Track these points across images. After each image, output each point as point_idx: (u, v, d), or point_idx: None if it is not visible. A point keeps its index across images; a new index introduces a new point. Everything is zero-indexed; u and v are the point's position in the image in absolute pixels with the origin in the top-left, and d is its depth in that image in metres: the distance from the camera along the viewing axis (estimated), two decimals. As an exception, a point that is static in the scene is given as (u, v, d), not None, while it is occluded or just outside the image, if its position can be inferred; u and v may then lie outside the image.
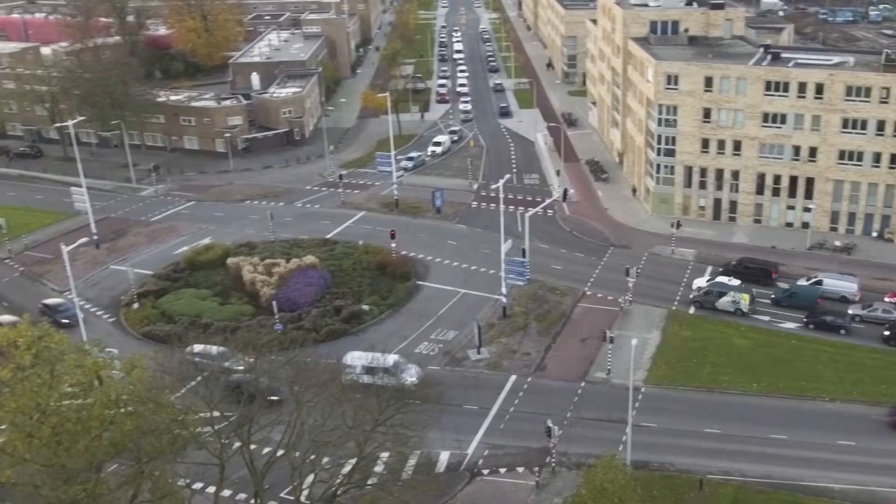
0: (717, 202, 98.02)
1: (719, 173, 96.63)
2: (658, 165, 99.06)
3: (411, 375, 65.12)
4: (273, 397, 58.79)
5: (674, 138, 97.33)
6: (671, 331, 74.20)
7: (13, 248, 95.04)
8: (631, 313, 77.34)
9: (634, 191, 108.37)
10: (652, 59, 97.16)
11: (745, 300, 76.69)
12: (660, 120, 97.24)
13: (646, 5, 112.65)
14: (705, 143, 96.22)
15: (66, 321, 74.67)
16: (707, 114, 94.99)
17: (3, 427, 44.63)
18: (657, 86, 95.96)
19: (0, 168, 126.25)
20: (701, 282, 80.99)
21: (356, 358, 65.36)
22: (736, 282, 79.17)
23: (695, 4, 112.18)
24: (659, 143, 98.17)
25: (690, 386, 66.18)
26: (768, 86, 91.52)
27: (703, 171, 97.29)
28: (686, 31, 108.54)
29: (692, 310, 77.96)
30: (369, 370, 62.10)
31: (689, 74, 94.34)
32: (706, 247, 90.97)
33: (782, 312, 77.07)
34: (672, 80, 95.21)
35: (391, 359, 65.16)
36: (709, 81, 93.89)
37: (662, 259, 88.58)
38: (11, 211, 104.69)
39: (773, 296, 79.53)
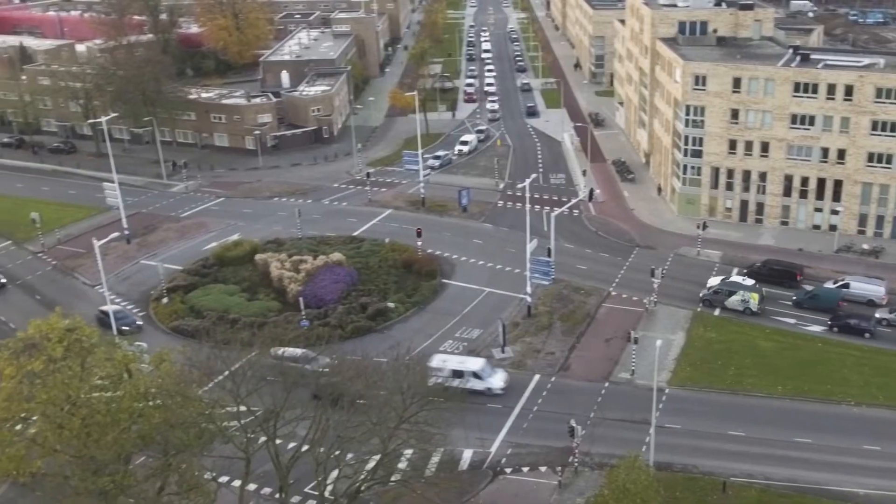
0: (744, 204, 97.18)
1: (746, 175, 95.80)
2: (685, 166, 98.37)
3: (499, 380, 64.74)
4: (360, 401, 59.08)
5: (701, 139, 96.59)
6: (696, 332, 73.67)
7: (46, 242, 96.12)
8: (656, 314, 76.89)
9: (660, 190, 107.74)
10: (680, 60, 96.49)
11: (754, 299, 76.13)
12: (687, 121, 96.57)
13: (674, 6, 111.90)
14: (733, 144, 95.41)
15: (127, 328, 74.74)
16: (735, 115, 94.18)
17: (34, 418, 45.27)
18: (685, 86, 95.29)
19: (28, 162, 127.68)
20: (714, 281, 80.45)
21: (444, 361, 64.88)
22: (750, 281, 78.63)
23: (724, 5, 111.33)
24: (686, 143, 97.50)
25: (715, 388, 65.67)
26: (797, 87, 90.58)
27: (730, 173, 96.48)
28: (715, 31, 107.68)
29: (699, 307, 77.62)
30: (457, 374, 62.06)
31: (718, 75, 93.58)
32: (732, 248, 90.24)
33: (808, 315, 76.25)
34: (700, 80, 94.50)
35: (479, 362, 65.03)
36: (737, 82, 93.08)
37: (688, 260, 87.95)
38: (45, 205, 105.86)
39: (794, 297, 78.78)
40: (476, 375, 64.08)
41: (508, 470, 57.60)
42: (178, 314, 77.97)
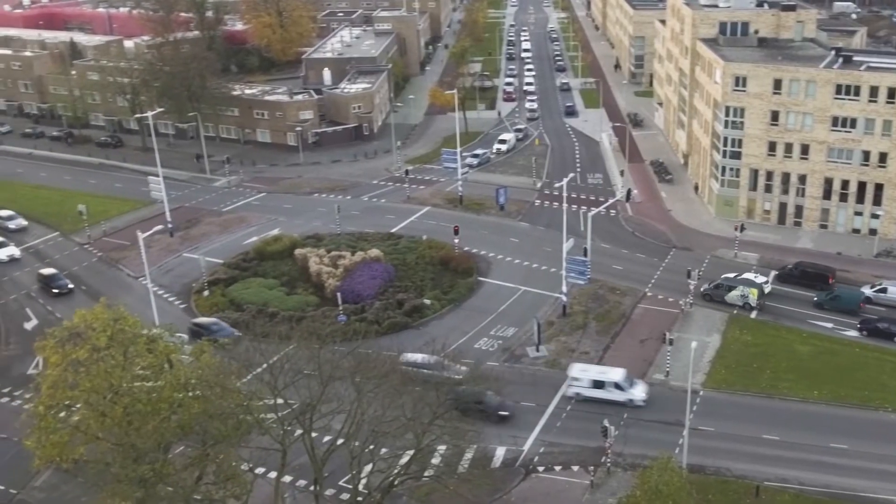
0: (783, 206, 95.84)
1: (785, 177, 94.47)
2: (723, 168, 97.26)
3: (640, 391, 63.35)
4: (503, 412, 59.36)
5: (740, 140, 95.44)
6: (732, 335, 72.81)
7: (92, 234, 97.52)
8: (691, 316, 76.13)
9: (697, 188, 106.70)
10: (720, 61, 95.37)
11: (753, 294, 76.21)
12: (726, 122, 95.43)
13: (715, 6, 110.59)
14: (772, 146, 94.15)
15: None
16: (775, 116, 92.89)
17: (78, 406, 45.95)
18: (725, 87, 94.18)
19: (77, 156, 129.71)
20: (729, 275, 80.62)
21: (583, 371, 63.80)
22: (763, 278, 79.07)
23: (766, 6, 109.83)
24: (725, 145, 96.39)
25: (750, 391, 64.82)
26: (839, 89, 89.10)
27: (769, 175, 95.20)
28: (756, 32, 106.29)
29: (692, 299, 77.11)
30: (598, 384, 61.50)
31: (758, 76, 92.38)
32: (770, 251, 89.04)
33: (838, 318, 75.06)
34: (740, 81, 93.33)
35: (620, 373, 63.81)
36: (778, 84, 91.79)
37: (725, 262, 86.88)
38: (92, 198, 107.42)
39: (814, 298, 77.89)
40: (618, 386, 62.53)
41: (541, 468, 57.34)
42: (219, 307, 78.64)
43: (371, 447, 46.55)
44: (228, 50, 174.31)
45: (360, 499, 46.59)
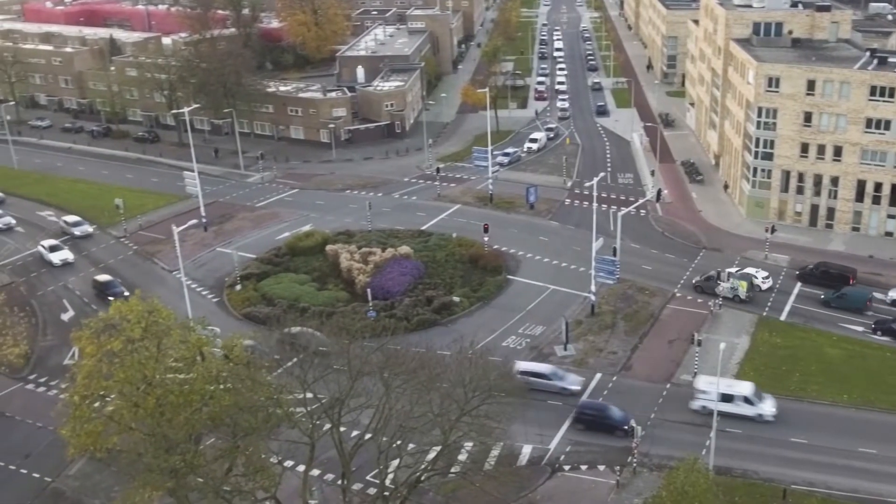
0: (815, 208, 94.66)
1: (818, 179, 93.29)
2: (755, 169, 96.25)
3: (770, 406, 61.08)
4: (627, 427, 58.10)
5: (772, 142, 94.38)
6: (761, 337, 72.05)
7: (128, 228, 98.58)
8: (720, 317, 75.43)
9: (727, 187, 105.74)
10: (753, 61, 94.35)
11: (742, 287, 77.02)
12: (759, 122, 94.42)
13: (749, 6, 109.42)
14: (804, 148, 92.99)
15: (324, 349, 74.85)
16: (808, 118, 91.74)
17: (112, 396, 46.43)
18: (757, 88, 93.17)
19: (114, 150, 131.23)
20: (731, 271, 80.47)
21: (710, 383, 60.83)
22: (764, 273, 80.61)
23: (800, 6, 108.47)
24: (757, 146, 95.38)
25: (778, 394, 63.94)
26: (873, 91, 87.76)
27: (801, 176, 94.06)
28: (790, 32, 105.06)
29: (721, 300, 76.62)
30: (726, 397, 59.57)
31: (791, 77, 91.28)
32: (801, 253, 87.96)
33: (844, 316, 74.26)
34: (773, 82, 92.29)
35: (748, 387, 61.73)
36: (811, 85, 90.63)
37: (755, 264, 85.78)
38: (128, 192, 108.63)
39: (822, 297, 77.65)
40: (747, 400, 60.54)
41: (567, 467, 57.09)
42: (251, 301, 79.20)
43: (398, 442, 46.56)
44: (264, 47, 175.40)
45: (386, 493, 46.63)
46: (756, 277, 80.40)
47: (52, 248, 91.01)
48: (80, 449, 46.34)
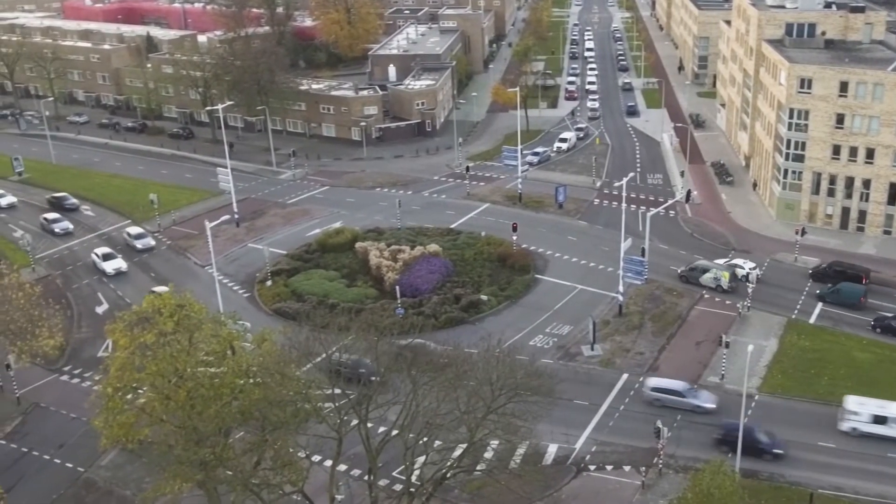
0: (846, 211, 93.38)
1: (849, 181, 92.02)
2: (785, 170, 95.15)
3: None
4: (778, 451, 56.39)
5: (804, 143, 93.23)
6: (789, 340, 71.20)
7: (162, 223, 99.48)
8: (748, 319, 74.66)
9: (755, 185, 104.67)
10: (785, 62, 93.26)
11: (725, 277, 78.81)
12: (790, 124, 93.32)
13: (782, 7, 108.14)
14: (836, 150, 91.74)
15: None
16: (840, 119, 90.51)
17: (144, 388, 46.89)
18: (789, 89, 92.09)
19: (150, 146, 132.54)
20: (719, 262, 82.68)
21: (861, 404, 58.64)
22: (751, 264, 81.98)
23: (833, 7, 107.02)
24: (788, 147, 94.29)
25: (806, 397, 63.33)
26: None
27: (833, 179, 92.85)
28: (823, 34, 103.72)
29: (750, 302, 75.77)
30: (879, 419, 57.39)
31: (824, 78, 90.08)
32: (831, 256, 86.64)
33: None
34: (805, 83, 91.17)
35: None
36: (844, 86, 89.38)
37: (784, 266, 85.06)
38: (163, 188, 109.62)
39: (817, 292, 78.33)
40: None
41: (592, 467, 56.84)
42: (281, 297, 79.61)
43: (425, 439, 46.59)
44: (297, 45, 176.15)
45: (412, 490, 46.71)
46: (743, 268, 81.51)
47: (106, 257, 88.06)
48: (112, 440, 46.85)
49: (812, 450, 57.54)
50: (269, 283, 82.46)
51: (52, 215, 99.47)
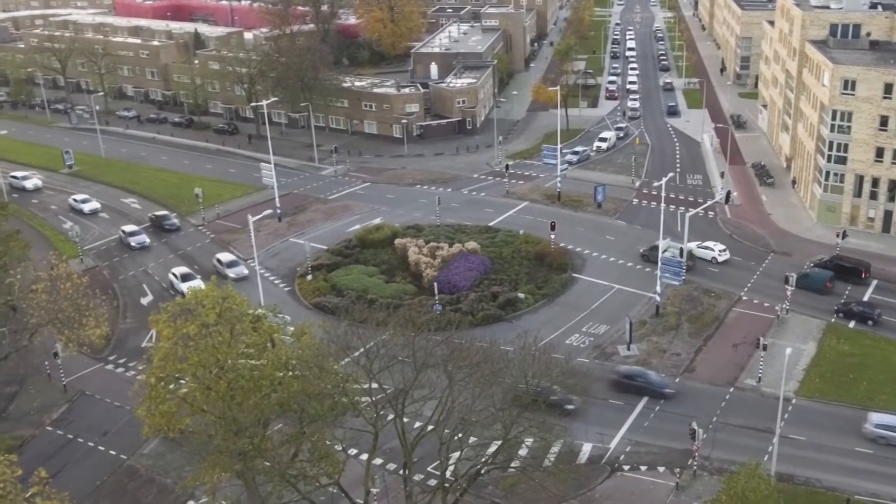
0: (888, 214, 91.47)
1: (892, 184, 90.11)
2: (827, 172, 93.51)
3: None
4: None
5: (846, 145, 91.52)
6: (828, 343, 69.97)
7: (206, 217, 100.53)
8: (787, 322, 73.50)
9: (794, 182, 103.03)
10: (829, 63, 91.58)
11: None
12: (833, 126, 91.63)
13: (827, 7, 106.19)
14: (880, 152, 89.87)
15: None
16: (884, 122, 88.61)
17: (186, 379, 47.40)
18: (833, 90, 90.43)
19: (196, 141, 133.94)
20: (692, 245, 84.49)
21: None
22: (721, 246, 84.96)
23: (879, 7, 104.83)
24: (830, 149, 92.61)
25: (844, 402, 62.19)
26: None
27: (875, 181, 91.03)
28: (868, 34, 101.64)
29: (789, 305, 74.67)
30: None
31: (868, 80, 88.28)
32: (872, 260, 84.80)
33: None
34: (849, 85, 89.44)
35: None
36: (888, 88, 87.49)
37: (794, 261, 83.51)
38: (207, 182, 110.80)
39: (786, 276, 78.28)
40: None
41: (626, 467, 56.37)
42: (321, 291, 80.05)
43: (460, 435, 46.54)
44: (341, 43, 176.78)
45: (446, 485, 46.68)
46: (713, 250, 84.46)
47: (185, 277, 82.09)
48: (154, 429, 47.37)
49: (849, 455, 56.52)
50: (309, 277, 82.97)
51: (129, 228, 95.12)
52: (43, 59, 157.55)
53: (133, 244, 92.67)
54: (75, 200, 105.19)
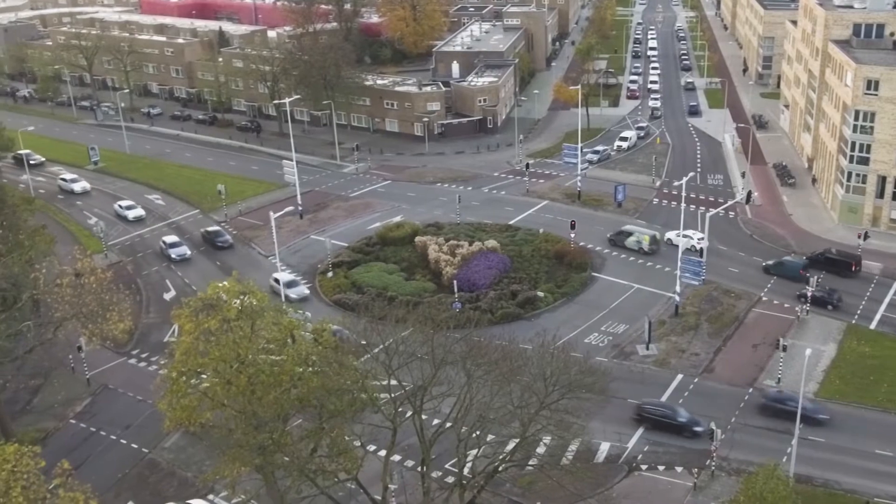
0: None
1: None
2: (849, 173, 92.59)
3: None
4: None
5: (869, 146, 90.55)
6: (848, 345, 69.29)
7: (229, 213, 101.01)
8: (807, 323, 72.87)
9: (815, 180, 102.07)
10: (852, 63, 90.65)
11: (645, 240, 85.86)
12: (855, 126, 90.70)
13: (850, 7, 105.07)
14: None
15: None
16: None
17: (207, 373, 47.63)
18: (855, 91, 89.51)
19: (219, 138, 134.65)
20: (671, 234, 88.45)
21: None
22: (700, 234, 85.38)
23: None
24: (852, 150, 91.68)
25: (864, 404, 61.57)
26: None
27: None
28: (892, 34, 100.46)
29: (809, 306, 74.21)
30: None
31: (891, 80, 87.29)
32: (894, 261, 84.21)
33: None
34: (872, 85, 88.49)
35: None
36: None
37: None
38: (230, 179, 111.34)
39: (763, 264, 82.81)
40: None
41: (644, 467, 56.12)
42: (341, 288, 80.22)
43: (478, 432, 46.52)
44: (363, 41, 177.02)
45: (464, 482, 46.67)
46: (692, 238, 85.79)
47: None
48: (175, 422, 47.72)
49: (869, 457, 55.95)
50: (329, 274, 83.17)
51: (170, 238, 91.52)
52: (70, 57, 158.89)
53: (174, 256, 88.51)
54: (121, 206, 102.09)
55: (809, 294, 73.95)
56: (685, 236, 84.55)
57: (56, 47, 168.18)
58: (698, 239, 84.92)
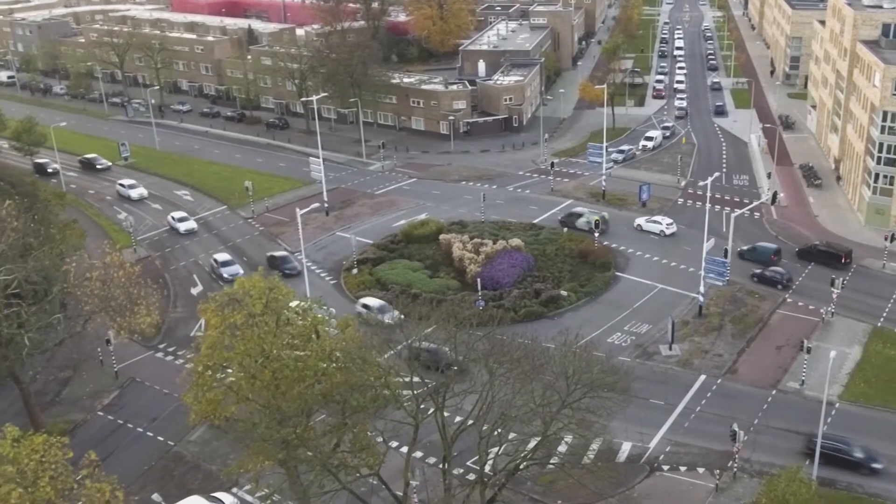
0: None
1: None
2: (877, 175, 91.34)
3: None
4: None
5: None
6: (874, 348, 68.41)
7: (256, 209, 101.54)
8: (832, 325, 72.02)
9: (839, 178, 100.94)
10: (880, 63, 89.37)
11: (595, 219, 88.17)
12: (883, 127, 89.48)
13: (880, 7, 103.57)
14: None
15: None
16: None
17: (232, 367, 47.89)
18: (884, 91, 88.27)
19: (247, 135, 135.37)
20: (640, 220, 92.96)
21: None
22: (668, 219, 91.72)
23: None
24: (880, 151, 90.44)
25: (889, 407, 60.73)
26: None
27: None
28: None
29: (834, 308, 73.47)
30: None
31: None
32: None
33: None
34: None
35: None
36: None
37: (871, 273, 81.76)
38: (258, 175, 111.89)
39: (738, 249, 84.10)
40: None
41: (665, 467, 55.74)
42: (366, 285, 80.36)
43: (499, 430, 46.38)
44: (390, 40, 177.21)
45: (485, 480, 46.58)
46: (661, 224, 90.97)
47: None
48: (200, 416, 47.97)
49: (893, 461, 55.14)
50: (354, 271, 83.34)
51: (222, 257, 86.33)
52: (102, 54, 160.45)
53: (226, 276, 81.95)
54: (173, 218, 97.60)
55: (759, 272, 79.50)
56: (654, 222, 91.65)
57: (88, 44, 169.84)
58: (667, 224, 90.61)
